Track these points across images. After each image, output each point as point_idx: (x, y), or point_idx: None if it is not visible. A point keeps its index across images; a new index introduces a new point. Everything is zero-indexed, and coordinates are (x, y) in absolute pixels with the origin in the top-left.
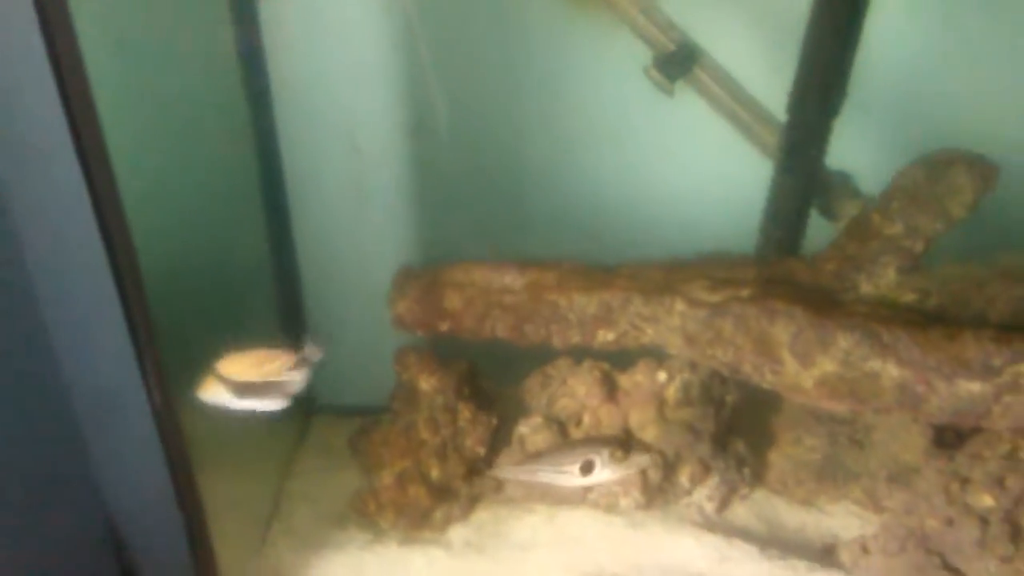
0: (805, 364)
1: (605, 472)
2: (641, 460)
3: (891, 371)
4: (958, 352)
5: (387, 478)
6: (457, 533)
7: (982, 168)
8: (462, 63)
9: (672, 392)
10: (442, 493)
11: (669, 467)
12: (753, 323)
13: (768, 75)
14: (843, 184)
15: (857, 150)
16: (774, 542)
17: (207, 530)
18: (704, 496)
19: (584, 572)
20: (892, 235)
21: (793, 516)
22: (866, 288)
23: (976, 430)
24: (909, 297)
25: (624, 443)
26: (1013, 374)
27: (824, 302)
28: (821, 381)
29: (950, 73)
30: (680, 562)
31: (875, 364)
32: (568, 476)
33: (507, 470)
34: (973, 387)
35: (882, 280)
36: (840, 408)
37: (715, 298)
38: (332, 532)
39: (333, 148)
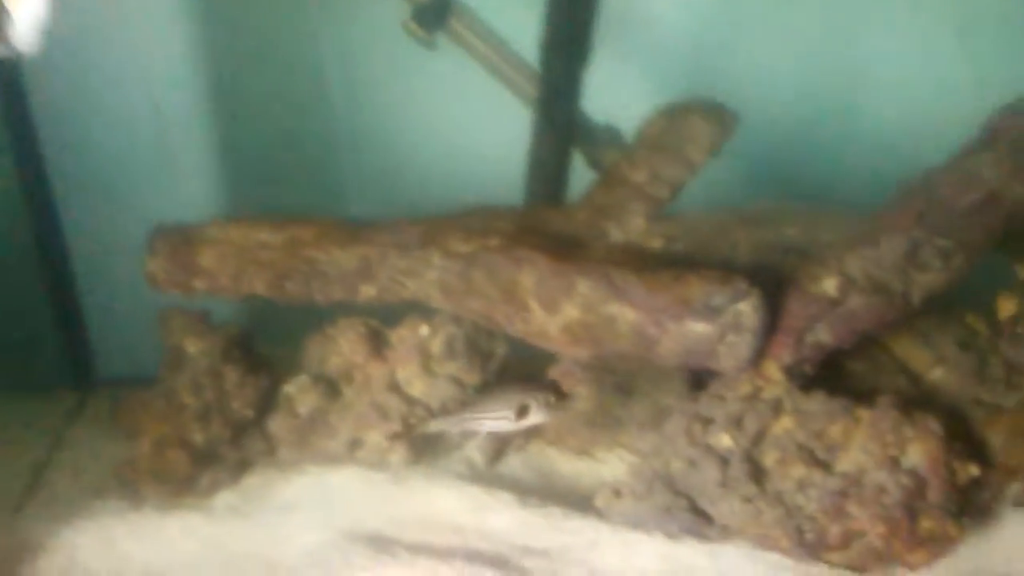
0: (551, 311)
1: (539, 415)
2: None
3: (627, 315)
4: (683, 293)
5: (145, 445)
6: (223, 498)
7: (719, 115)
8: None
9: (436, 346)
10: (206, 458)
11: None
12: (502, 272)
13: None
14: (610, 137)
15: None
16: (538, 491)
17: None
18: (475, 449)
19: (342, 529)
20: (638, 183)
21: (568, 466)
22: (616, 235)
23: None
24: (657, 243)
25: (557, 388)
26: (734, 314)
27: (568, 249)
28: (565, 328)
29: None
30: (439, 514)
31: (612, 308)
32: (504, 421)
33: (441, 421)
34: (699, 327)
35: (631, 227)
36: (583, 354)
37: (468, 248)
38: (91, 501)
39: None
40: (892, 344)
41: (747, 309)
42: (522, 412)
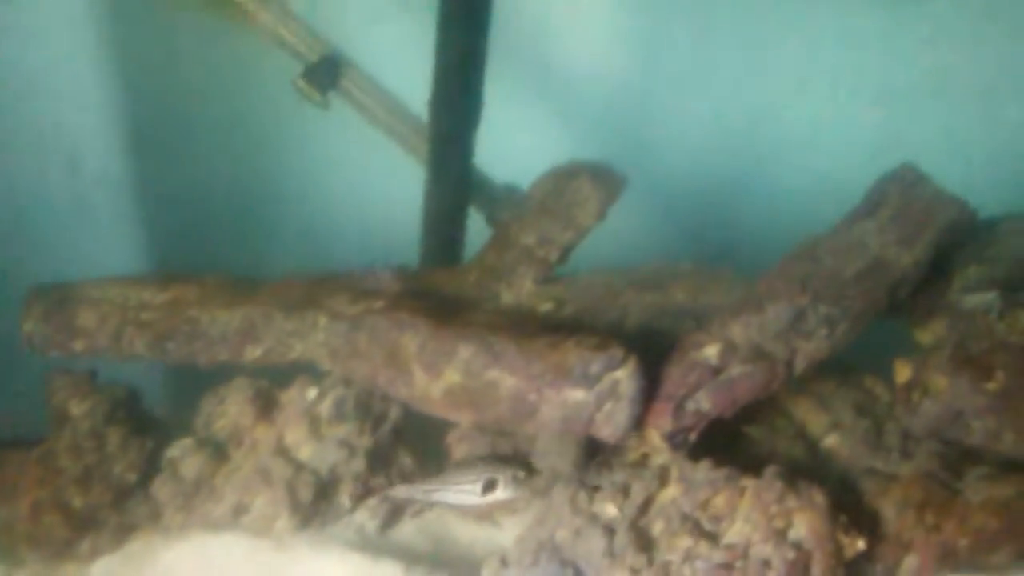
0: (432, 375)
1: (507, 491)
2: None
3: (507, 380)
4: (560, 360)
5: (22, 508)
6: (103, 564)
7: (606, 178)
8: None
9: (325, 408)
10: (86, 523)
11: (325, 486)
12: (384, 335)
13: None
14: (508, 195)
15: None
16: (428, 560)
17: None
18: (367, 515)
19: None
20: (527, 245)
21: (465, 532)
22: (507, 297)
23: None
24: (546, 306)
25: (526, 464)
26: (611, 382)
27: (451, 314)
28: (447, 392)
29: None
30: None
31: (493, 374)
32: (468, 495)
33: (404, 489)
34: (576, 395)
35: (521, 289)
36: (464, 419)
37: (353, 311)
38: None
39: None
40: (791, 407)
41: (624, 377)
42: (489, 487)
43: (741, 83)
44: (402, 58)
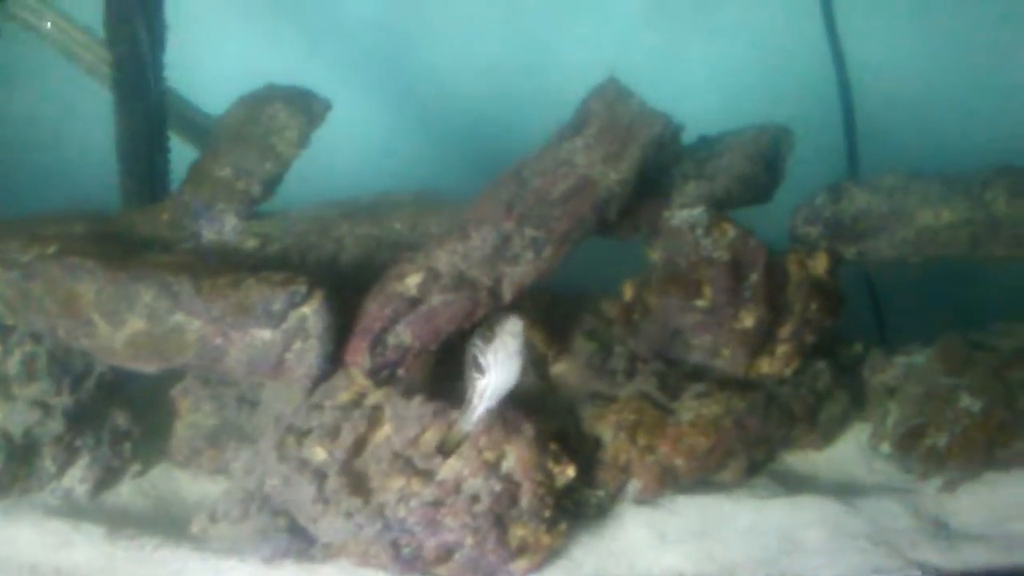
0: (115, 323)
1: (491, 357)
2: (512, 325)
3: (194, 324)
4: (242, 299)
5: None
6: None
7: (305, 103)
8: None
9: (13, 366)
10: None
11: (20, 450)
12: (59, 283)
13: None
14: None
15: None
16: (145, 521)
17: None
18: (76, 479)
19: None
20: (223, 178)
21: (195, 488)
22: (209, 236)
23: None
24: (251, 243)
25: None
26: (298, 318)
27: (129, 255)
28: (130, 341)
29: None
30: (11, 553)
31: (179, 318)
32: (478, 382)
33: (466, 424)
34: (263, 334)
35: (224, 226)
36: (150, 368)
37: (26, 258)
38: None
39: None
40: (530, 335)
41: (310, 312)
42: (479, 368)
43: None
44: None
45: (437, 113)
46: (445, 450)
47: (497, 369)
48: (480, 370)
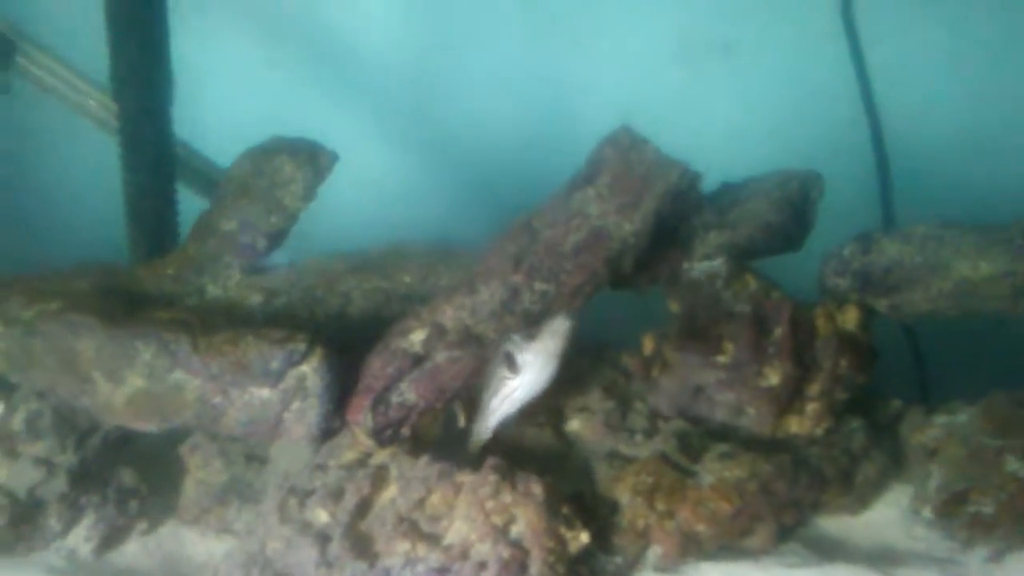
0: (115, 381)
1: (530, 356)
2: (558, 324)
3: (192, 383)
4: (240, 357)
5: None
6: None
7: (311, 156)
8: None
9: (17, 424)
10: None
11: (25, 509)
12: (60, 340)
13: None
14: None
15: None
16: None
17: None
18: (81, 538)
19: None
20: (229, 231)
21: (202, 547)
22: (213, 291)
23: None
24: (255, 298)
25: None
26: (297, 377)
27: (134, 311)
28: (131, 399)
29: None
30: None
31: (179, 376)
32: (507, 382)
33: (482, 431)
34: (262, 393)
35: (229, 281)
36: (150, 427)
37: (29, 314)
38: None
39: None
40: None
41: (309, 371)
42: (511, 364)
43: None
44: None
45: (459, 161)
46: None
47: (532, 370)
48: (513, 368)
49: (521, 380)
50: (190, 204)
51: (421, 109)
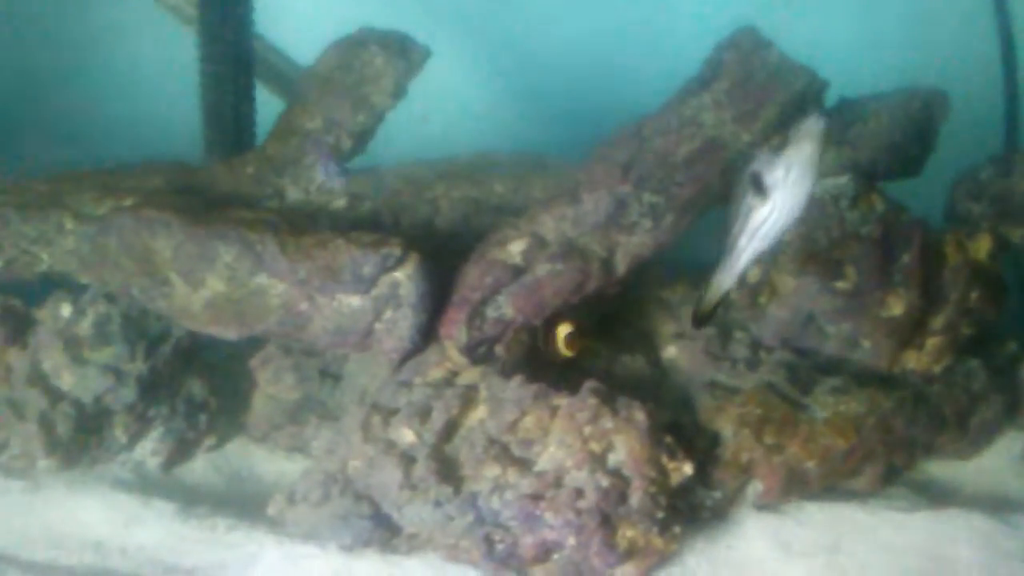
0: (194, 284)
1: (780, 171)
2: (812, 124)
3: (277, 287)
4: (329, 261)
5: None
6: None
7: (403, 48)
8: None
9: (85, 329)
10: None
11: (91, 419)
12: (134, 238)
13: None
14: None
15: None
16: (219, 499)
17: None
18: (148, 451)
19: None
20: (312, 130)
21: (272, 467)
22: (293, 194)
23: None
24: (339, 203)
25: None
26: (390, 284)
27: (213, 209)
28: (210, 303)
29: None
30: (75, 529)
31: (261, 280)
32: (756, 211)
33: (726, 280)
34: (352, 301)
35: (311, 183)
36: (229, 334)
37: (100, 211)
38: None
39: None
40: (638, 314)
41: (403, 278)
42: (759, 188)
43: None
44: None
45: (537, 75)
46: (699, 314)
47: (785, 191)
48: (762, 192)
49: (773, 204)
50: (266, 105)
51: (494, 15)
